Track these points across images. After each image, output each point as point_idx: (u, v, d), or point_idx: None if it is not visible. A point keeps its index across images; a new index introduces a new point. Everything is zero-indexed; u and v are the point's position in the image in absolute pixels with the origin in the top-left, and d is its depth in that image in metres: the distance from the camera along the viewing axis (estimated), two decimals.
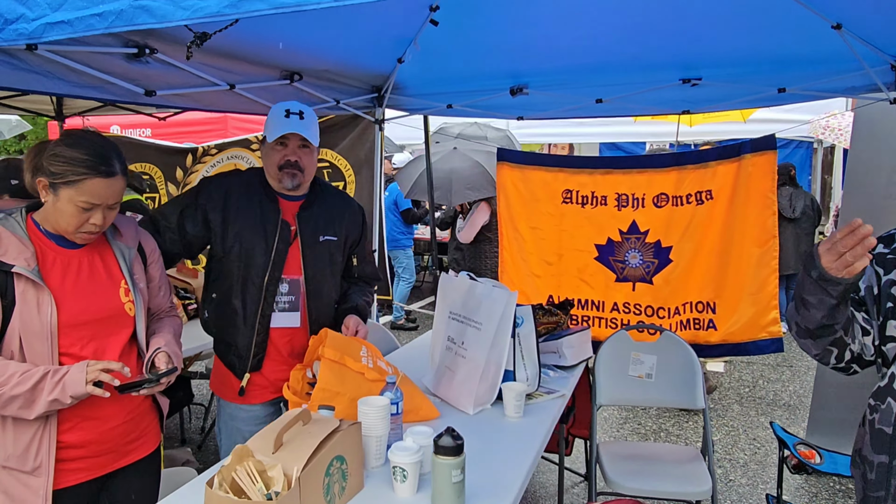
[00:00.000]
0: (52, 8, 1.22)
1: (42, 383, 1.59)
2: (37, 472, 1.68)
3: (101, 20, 1.18)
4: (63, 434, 1.71)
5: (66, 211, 1.64)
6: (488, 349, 2.22)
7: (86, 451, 1.76)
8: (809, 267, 1.33)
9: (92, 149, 1.66)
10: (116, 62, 2.21)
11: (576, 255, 3.59)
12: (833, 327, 1.38)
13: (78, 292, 1.71)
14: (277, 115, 2.19)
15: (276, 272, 2.21)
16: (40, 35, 1.23)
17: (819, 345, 1.44)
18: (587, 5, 2.77)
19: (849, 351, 1.45)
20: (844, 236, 1.24)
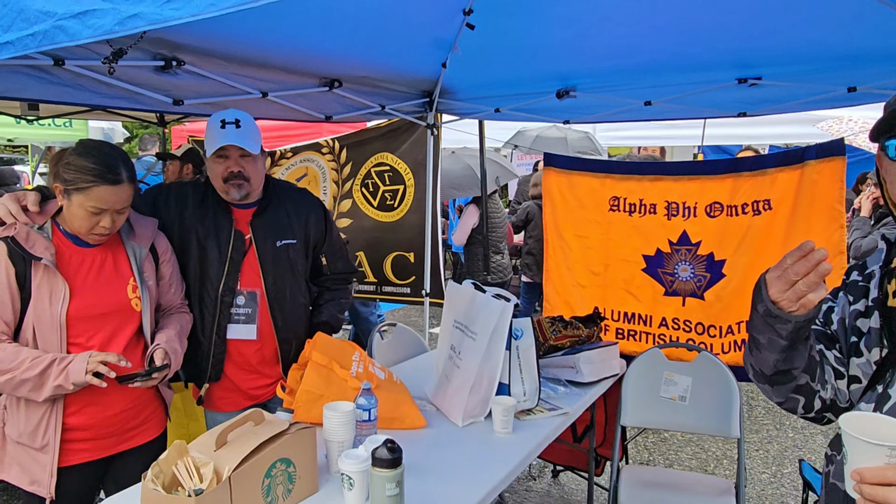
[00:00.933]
0: (3, 30, 1.34)
1: (49, 369, 1.76)
2: (44, 450, 1.86)
3: (32, 39, 1.27)
4: (68, 417, 1.88)
5: (77, 214, 1.81)
6: (480, 361, 2.17)
7: (89, 434, 1.92)
8: (756, 299, 1.14)
9: (100, 158, 1.81)
10: (145, 74, 2.37)
11: (623, 265, 3.40)
12: (791, 373, 1.19)
13: (88, 287, 1.87)
14: (214, 125, 2.17)
15: (230, 283, 2.23)
16: None
17: (780, 392, 1.25)
18: (632, 2, 2.63)
19: (818, 399, 1.25)
20: (796, 261, 1.05)
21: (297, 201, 2.37)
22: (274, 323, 2.29)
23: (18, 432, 1.86)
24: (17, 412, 1.86)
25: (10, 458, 1.88)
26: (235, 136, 2.13)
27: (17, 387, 1.76)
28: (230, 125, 2.14)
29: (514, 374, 2.25)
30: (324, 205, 2.46)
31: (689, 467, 3.82)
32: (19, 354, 1.75)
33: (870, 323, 1.19)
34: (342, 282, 2.52)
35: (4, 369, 1.72)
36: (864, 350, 1.20)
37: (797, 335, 1.11)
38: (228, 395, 2.30)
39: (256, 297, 2.25)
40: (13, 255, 1.77)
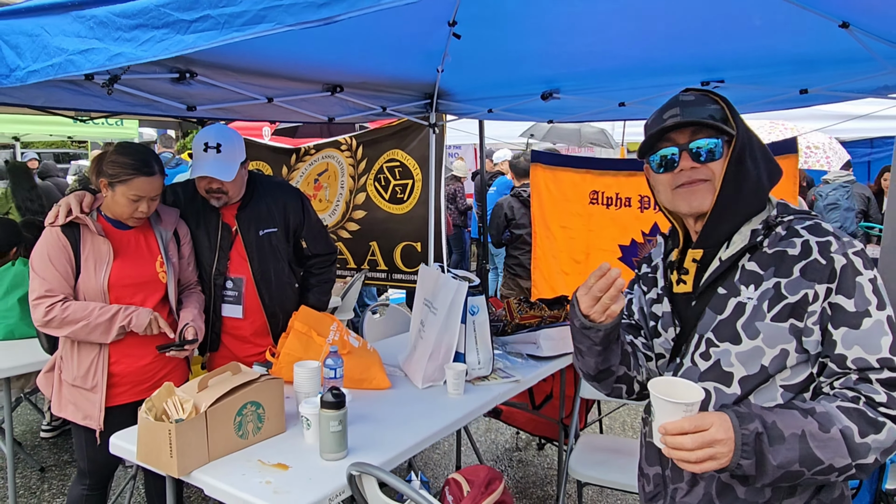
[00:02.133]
0: (33, 60, 1.74)
1: (116, 316, 2.25)
2: (94, 390, 2.33)
3: (52, 69, 1.67)
4: (112, 366, 2.34)
5: (120, 202, 2.27)
6: (438, 332, 2.50)
7: (128, 379, 2.38)
8: (571, 314, 1.33)
9: (137, 155, 2.28)
10: (162, 85, 2.78)
11: (601, 254, 3.68)
12: (610, 369, 1.40)
13: (126, 260, 2.34)
14: (198, 146, 2.50)
15: (221, 269, 2.62)
16: (25, 80, 1.76)
17: (606, 385, 1.46)
18: (600, 14, 2.89)
19: (636, 383, 1.46)
20: (597, 280, 1.23)
21: (276, 193, 2.73)
22: (262, 301, 2.67)
23: (73, 376, 2.32)
24: (72, 359, 2.32)
25: (65, 399, 2.36)
26: (212, 166, 2.45)
27: (91, 331, 2.23)
28: (211, 150, 2.47)
29: (469, 345, 2.58)
30: (301, 193, 2.82)
31: None
32: (87, 306, 2.23)
33: (662, 308, 1.42)
34: (326, 264, 2.88)
35: (79, 318, 2.20)
36: (661, 331, 1.43)
37: (608, 339, 1.31)
38: (226, 362, 2.70)
39: (242, 282, 2.64)
40: (66, 231, 2.23)
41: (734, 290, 1.28)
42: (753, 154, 1.31)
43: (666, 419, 1.15)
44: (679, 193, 1.32)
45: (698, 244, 1.35)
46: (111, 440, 2.03)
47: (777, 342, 1.22)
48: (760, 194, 1.33)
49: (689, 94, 1.33)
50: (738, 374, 1.26)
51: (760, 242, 1.28)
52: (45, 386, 2.40)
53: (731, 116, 1.31)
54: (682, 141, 1.29)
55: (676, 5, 2.74)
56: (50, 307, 2.18)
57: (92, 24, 1.57)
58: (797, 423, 1.13)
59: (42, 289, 2.20)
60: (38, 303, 2.19)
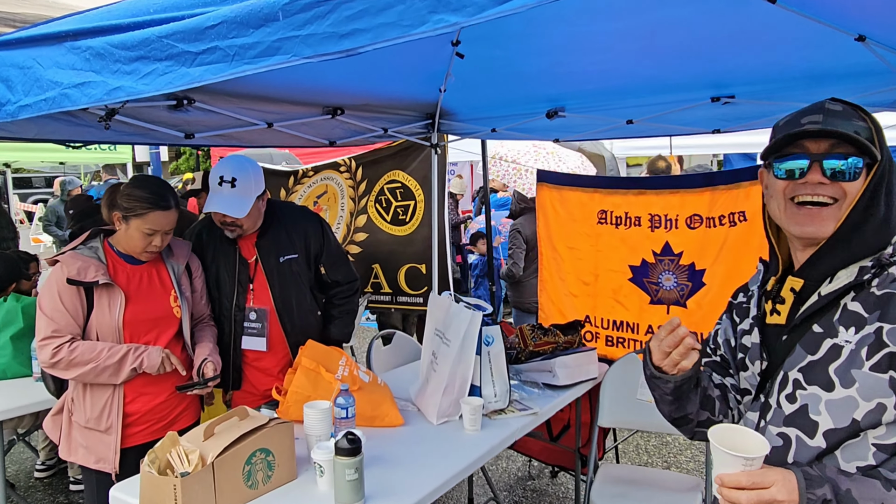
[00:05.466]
0: (24, 94, 1.65)
1: (126, 357, 2.16)
2: (108, 431, 2.22)
3: (45, 103, 1.58)
4: (126, 406, 2.24)
5: (134, 236, 2.20)
6: (452, 364, 2.39)
7: (144, 419, 2.28)
8: (644, 363, 1.31)
9: (152, 189, 2.21)
10: (159, 112, 2.69)
11: (611, 275, 3.59)
12: (687, 417, 1.34)
13: (139, 297, 2.25)
14: (213, 180, 2.43)
15: (241, 302, 2.53)
16: (16, 115, 1.66)
17: (686, 431, 1.39)
18: (597, 33, 2.83)
19: None
20: (667, 335, 1.21)
21: (296, 219, 2.66)
22: (284, 332, 2.58)
23: (86, 418, 2.21)
24: (84, 400, 2.21)
25: (76, 443, 2.24)
26: (225, 201, 2.38)
27: (99, 374, 2.13)
28: (226, 184, 2.40)
29: (485, 377, 2.47)
30: (321, 218, 2.75)
31: (686, 470, 3.95)
32: (95, 347, 2.13)
33: (752, 339, 1.33)
34: (348, 293, 2.79)
35: (87, 360, 2.10)
36: (748, 364, 1.33)
37: (680, 391, 1.27)
38: (248, 397, 2.61)
39: (266, 313, 2.55)
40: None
41: (831, 329, 1.16)
42: (891, 188, 1.17)
43: (724, 470, 1.08)
44: (796, 214, 1.19)
45: (800, 272, 1.24)
46: (111, 493, 1.90)
47: (874, 395, 1.09)
48: (884, 235, 1.17)
49: (836, 104, 1.19)
50: (825, 425, 1.14)
51: (868, 281, 1.14)
52: (52, 430, 2.28)
53: (878, 139, 1.18)
54: (817, 151, 1.16)
55: (683, 22, 2.67)
56: (57, 349, 2.07)
57: (88, 55, 1.47)
58: (876, 495, 1.01)
59: (49, 329, 2.09)
60: (45, 344, 2.09)
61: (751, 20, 2.59)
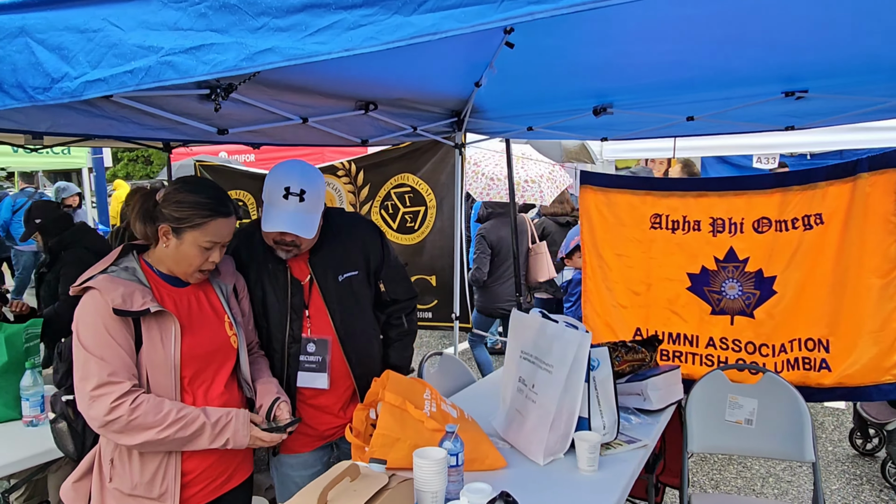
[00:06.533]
0: (91, 66, 1.23)
1: (202, 433, 1.72)
2: (162, 498, 1.77)
3: (132, 77, 1.16)
4: (183, 463, 1.79)
5: (189, 253, 1.76)
6: (560, 395, 2.06)
7: (202, 477, 1.85)
8: None
9: (211, 192, 1.80)
10: (188, 103, 2.26)
11: (666, 284, 3.33)
12: None
13: (192, 325, 1.81)
14: (275, 190, 1.97)
15: (295, 332, 2.12)
16: (81, 93, 1.24)
17: None
18: (676, 19, 2.57)
19: None
20: None
21: (352, 229, 2.26)
22: (349, 363, 2.17)
23: (132, 485, 1.76)
24: (130, 465, 1.75)
25: None
26: (294, 219, 1.96)
27: (160, 444, 1.69)
28: (293, 197, 1.96)
29: (593, 407, 2.15)
30: (378, 227, 2.35)
31: (735, 487, 3.73)
32: (161, 407, 1.68)
33: None
34: (406, 311, 2.39)
35: (150, 424, 1.65)
36: None
37: None
38: (301, 438, 2.18)
39: (328, 344, 2.13)
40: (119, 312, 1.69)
41: None
42: None
43: None
44: None
45: None
46: None
47: None
48: None
49: None
50: None
51: None
52: (74, 499, 1.80)
53: None
54: None
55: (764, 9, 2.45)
56: (117, 403, 1.62)
57: (204, 9, 1.08)
58: None
59: (103, 373, 1.63)
60: (100, 394, 1.62)
61: (837, 8, 2.39)
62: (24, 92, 1.33)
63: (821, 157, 8.49)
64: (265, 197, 2.02)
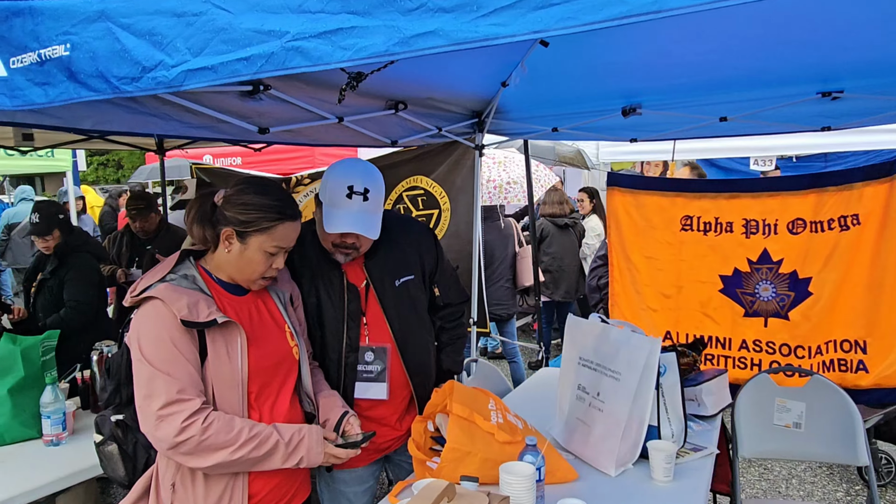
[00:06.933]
0: (192, 53, 1.11)
1: (276, 452, 1.59)
2: None
3: (247, 65, 1.05)
4: (249, 484, 1.67)
5: (254, 258, 1.64)
6: (631, 403, 1.99)
7: (268, 498, 1.72)
8: None
9: (278, 194, 1.68)
10: (230, 100, 2.14)
11: (698, 287, 3.29)
12: None
13: (255, 338, 1.68)
14: (338, 189, 1.86)
15: (352, 340, 2.00)
16: (181, 83, 1.12)
17: None
18: (717, 18, 2.53)
19: None
20: None
21: (407, 230, 2.15)
22: (407, 372, 2.06)
23: None
24: (194, 488, 1.62)
25: None
26: (360, 220, 1.86)
27: (231, 465, 1.56)
28: (357, 196, 1.84)
29: (661, 415, 2.08)
30: (432, 230, 2.25)
31: (760, 490, 3.71)
32: (232, 426, 1.55)
33: None
34: (458, 315, 2.29)
35: (222, 444, 1.52)
36: None
37: None
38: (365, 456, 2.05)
39: (387, 352, 2.01)
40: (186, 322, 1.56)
41: None
42: None
43: None
44: None
45: None
46: None
47: None
48: None
49: None
50: None
51: None
52: None
53: None
54: None
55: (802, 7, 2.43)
56: (188, 423, 1.48)
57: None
58: None
59: (172, 389, 1.49)
60: (169, 413, 1.48)
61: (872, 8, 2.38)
62: (105, 82, 1.21)
63: (806, 160, 8.63)
64: (325, 197, 1.90)
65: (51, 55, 1.25)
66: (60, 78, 1.26)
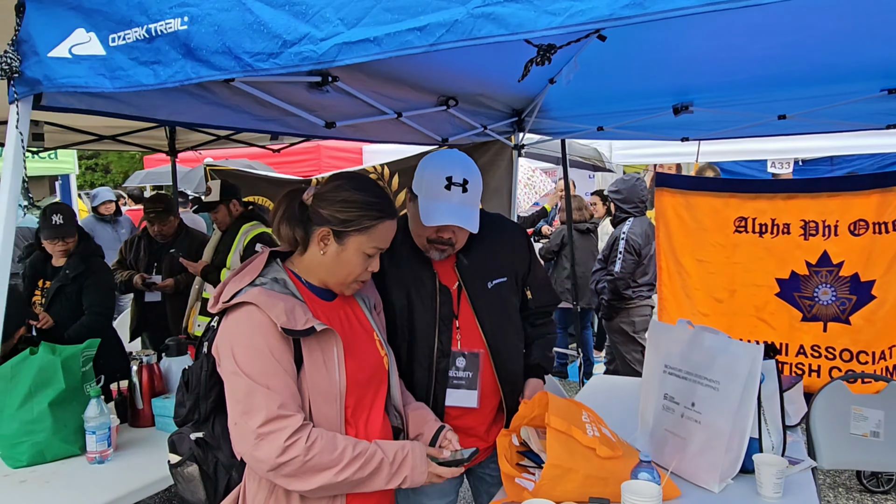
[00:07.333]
0: (347, 24, 0.97)
1: (380, 471, 1.45)
2: None
3: (422, 36, 0.92)
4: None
5: (351, 260, 1.51)
6: (732, 414, 1.87)
7: None
8: None
9: (377, 191, 1.55)
10: (298, 92, 2.00)
11: (753, 290, 3.19)
12: None
13: (349, 347, 1.53)
14: (436, 180, 1.74)
15: (444, 345, 1.88)
16: (333, 58, 0.99)
17: None
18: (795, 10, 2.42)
19: None
20: None
21: (498, 229, 2.02)
22: (498, 379, 1.93)
23: None
24: None
25: None
26: (461, 213, 1.73)
27: (334, 488, 1.42)
28: (456, 187, 1.72)
29: (762, 426, 1.96)
30: (525, 230, 2.12)
31: None
32: (336, 444, 1.41)
33: None
34: (546, 314, 2.16)
35: (325, 464, 1.37)
36: None
37: None
38: None
39: (479, 358, 1.88)
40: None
41: None
42: None
43: None
44: None
45: None
46: None
47: None
48: None
49: None
50: None
51: None
52: None
53: None
54: None
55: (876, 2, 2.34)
56: (291, 442, 1.33)
57: None
58: None
59: (273, 405, 1.34)
60: (270, 431, 1.33)
61: None
62: (234, 60, 1.06)
63: (812, 163, 8.63)
64: (421, 190, 1.77)
65: (163, 30, 1.11)
66: (174, 56, 1.12)
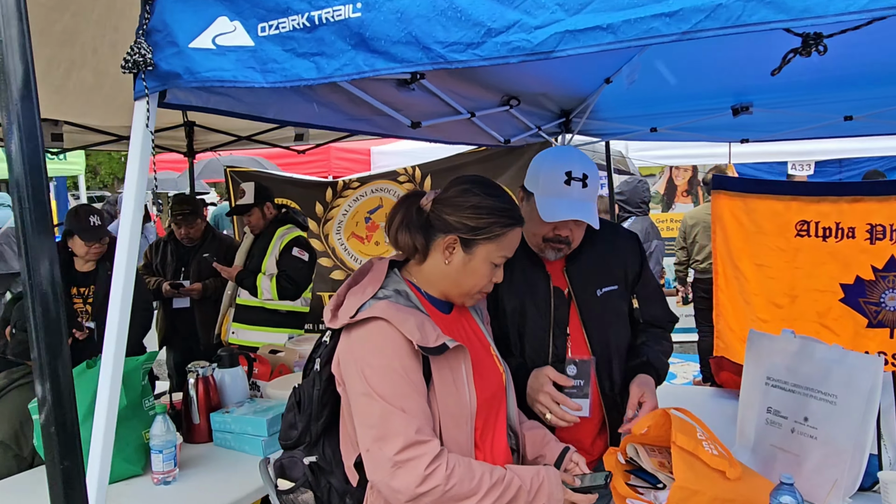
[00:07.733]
0: (567, 10, 0.86)
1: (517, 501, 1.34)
2: None
3: (672, 22, 0.81)
4: None
5: (478, 270, 1.41)
6: (854, 430, 1.78)
7: None
8: None
9: (507, 196, 1.45)
10: (387, 89, 1.88)
11: (815, 296, 3.12)
12: None
13: (473, 364, 1.41)
14: (554, 177, 1.68)
15: (559, 352, 1.78)
16: (552, 48, 0.87)
17: None
18: None
19: None
20: None
21: (611, 236, 1.92)
22: (601, 391, 1.83)
23: None
24: None
25: None
26: (581, 206, 1.66)
27: None
28: (576, 182, 1.65)
29: (880, 441, 1.88)
30: (636, 235, 2.02)
31: None
32: (474, 472, 1.29)
33: None
34: (665, 335, 2.03)
35: (464, 494, 1.25)
36: None
37: None
38: None
39: (589, 365, 1.77)
40: None
41: None
42: None
43: None
44: None
45: None
46: None
47: None
48: None
49: None
50: None
51: None
52: None
53: None
54: None
55: None
56: (431, 470, 1.21)
57: None
58: None
59: (410, 430, 1.23)
60: (409, 458, 1.22)
61: None
62: (422, 50, 0.95)
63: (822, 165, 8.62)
64: (537, 187, 1.68)
65: (329, 18, 0.99)
66: (342, 47, 1.00)
